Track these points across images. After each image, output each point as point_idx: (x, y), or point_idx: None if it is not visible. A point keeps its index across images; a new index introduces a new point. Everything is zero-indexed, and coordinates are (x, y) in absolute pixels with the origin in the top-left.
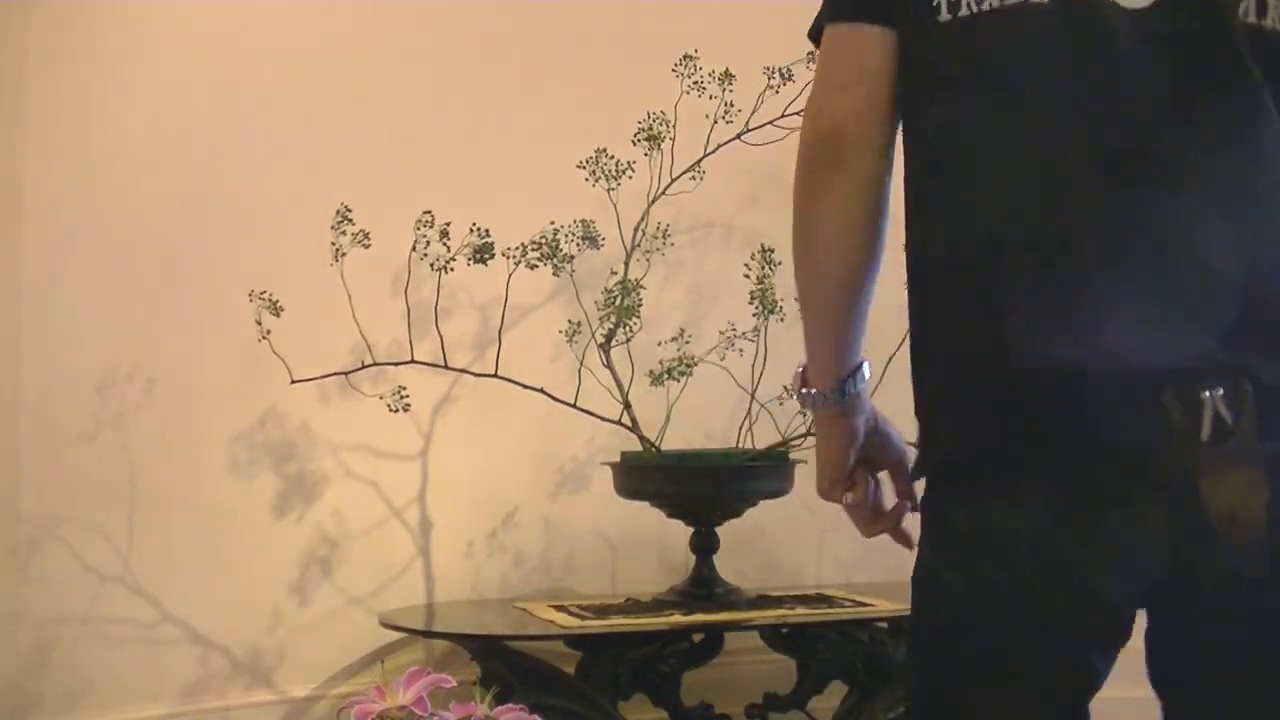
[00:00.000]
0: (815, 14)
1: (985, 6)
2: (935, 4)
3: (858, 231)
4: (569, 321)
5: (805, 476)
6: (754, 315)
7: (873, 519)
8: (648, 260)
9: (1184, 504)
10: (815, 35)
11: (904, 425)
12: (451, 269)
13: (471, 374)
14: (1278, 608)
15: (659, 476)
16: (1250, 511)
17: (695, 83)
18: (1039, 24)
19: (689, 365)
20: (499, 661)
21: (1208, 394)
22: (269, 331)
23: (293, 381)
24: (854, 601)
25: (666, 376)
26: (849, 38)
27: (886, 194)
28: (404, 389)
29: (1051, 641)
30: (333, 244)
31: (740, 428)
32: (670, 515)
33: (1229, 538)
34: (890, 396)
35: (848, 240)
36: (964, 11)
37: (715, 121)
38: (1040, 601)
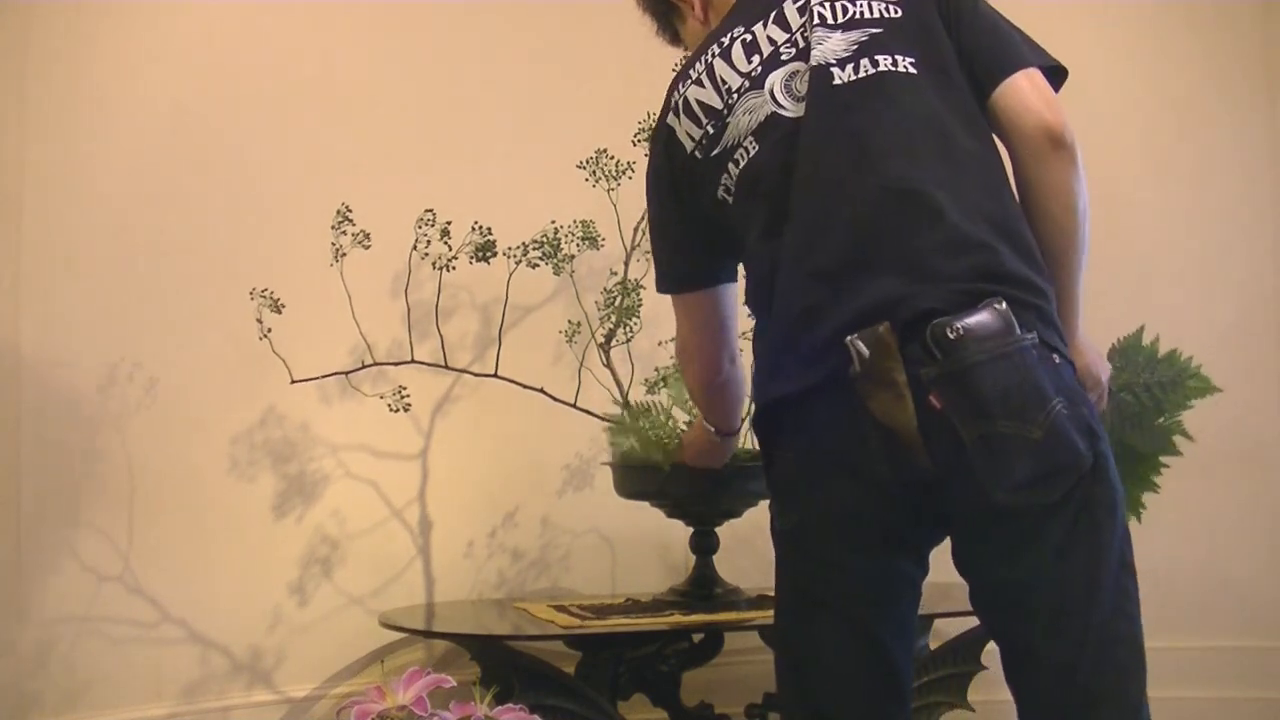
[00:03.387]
0: None
1: (738, 170)
2: (721, 198)
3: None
4: (569, 321)
5: None
6: (749, 316)
7: None
8: (647, 260)
9: (874, 422)
10: (661, 291)
11: None
12: (453, 267)
13: (472, 374)
14: (968, 495)
15: (659, 476)
16: (902, 419)
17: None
18: (757, 157)
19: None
20: (499, 661)
21: (849, 338)
22: (269, 331)
23: (293, 381)
24: None
25: (662, 384)
26: (687, 307)
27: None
28: (404, 389)
29: (834, 538)
30: (333, 244)
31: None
32: (670, 515)
33: (900, 442)
34: None
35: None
36: (732, 185)
37: None
38: (818, 507)
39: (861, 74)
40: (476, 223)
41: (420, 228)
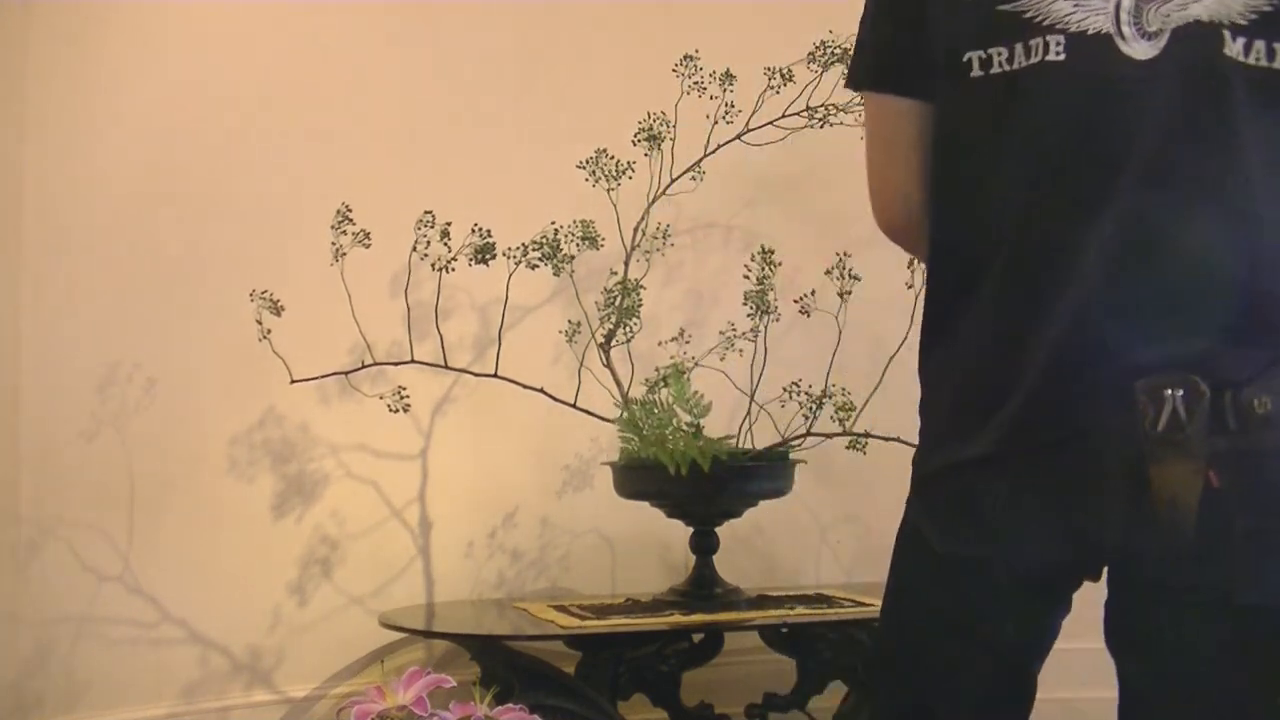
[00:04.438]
0: (821, 19)
1: (1014, 65)
2: (967, 60)
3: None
4: (569, 322)
5: (805, 476)
6: (749, 316)
7: None
8: (647, 260)
9: (1136, 485)
10: (851, 85)
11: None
12: (452, 269)
13: (471, 374)
14: (1204, 584)
15: (659, 476)
16: (1187, 494)
17: (695, 83)
18: (1057, 74)
19: (683, 371)
20: (499, 661)
21: (1169, 392)
22: (269, 331)
23: (292, 381)
24: (854, 601)
25: (662, 384)
26: (882, 114)
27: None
28: (404, 389)
29: (1011, 592)
30: (333, 244)
31: (740, 428)
32: (670, 515)
33: (1167, 518)
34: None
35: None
36: (995, 69)
37: (715, 122)
38: (1009, 558)
39: (1252, 58)
40: (476, 225)
41: (420, 229)
